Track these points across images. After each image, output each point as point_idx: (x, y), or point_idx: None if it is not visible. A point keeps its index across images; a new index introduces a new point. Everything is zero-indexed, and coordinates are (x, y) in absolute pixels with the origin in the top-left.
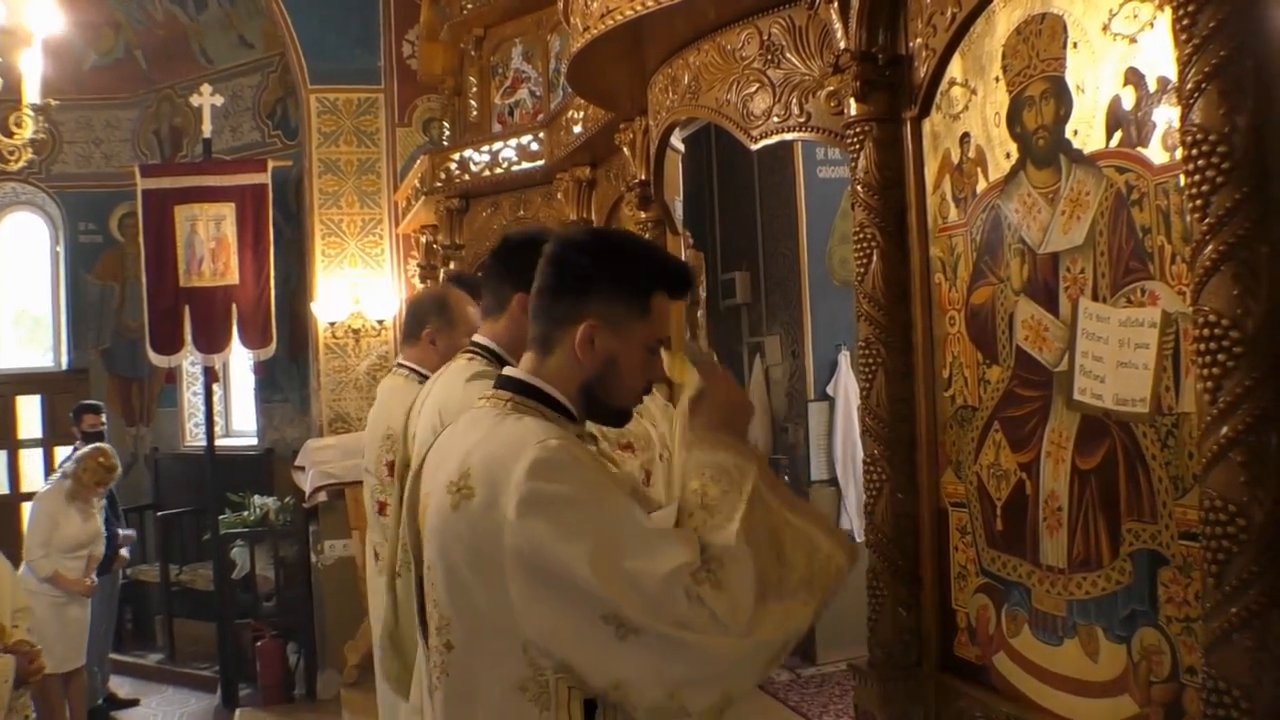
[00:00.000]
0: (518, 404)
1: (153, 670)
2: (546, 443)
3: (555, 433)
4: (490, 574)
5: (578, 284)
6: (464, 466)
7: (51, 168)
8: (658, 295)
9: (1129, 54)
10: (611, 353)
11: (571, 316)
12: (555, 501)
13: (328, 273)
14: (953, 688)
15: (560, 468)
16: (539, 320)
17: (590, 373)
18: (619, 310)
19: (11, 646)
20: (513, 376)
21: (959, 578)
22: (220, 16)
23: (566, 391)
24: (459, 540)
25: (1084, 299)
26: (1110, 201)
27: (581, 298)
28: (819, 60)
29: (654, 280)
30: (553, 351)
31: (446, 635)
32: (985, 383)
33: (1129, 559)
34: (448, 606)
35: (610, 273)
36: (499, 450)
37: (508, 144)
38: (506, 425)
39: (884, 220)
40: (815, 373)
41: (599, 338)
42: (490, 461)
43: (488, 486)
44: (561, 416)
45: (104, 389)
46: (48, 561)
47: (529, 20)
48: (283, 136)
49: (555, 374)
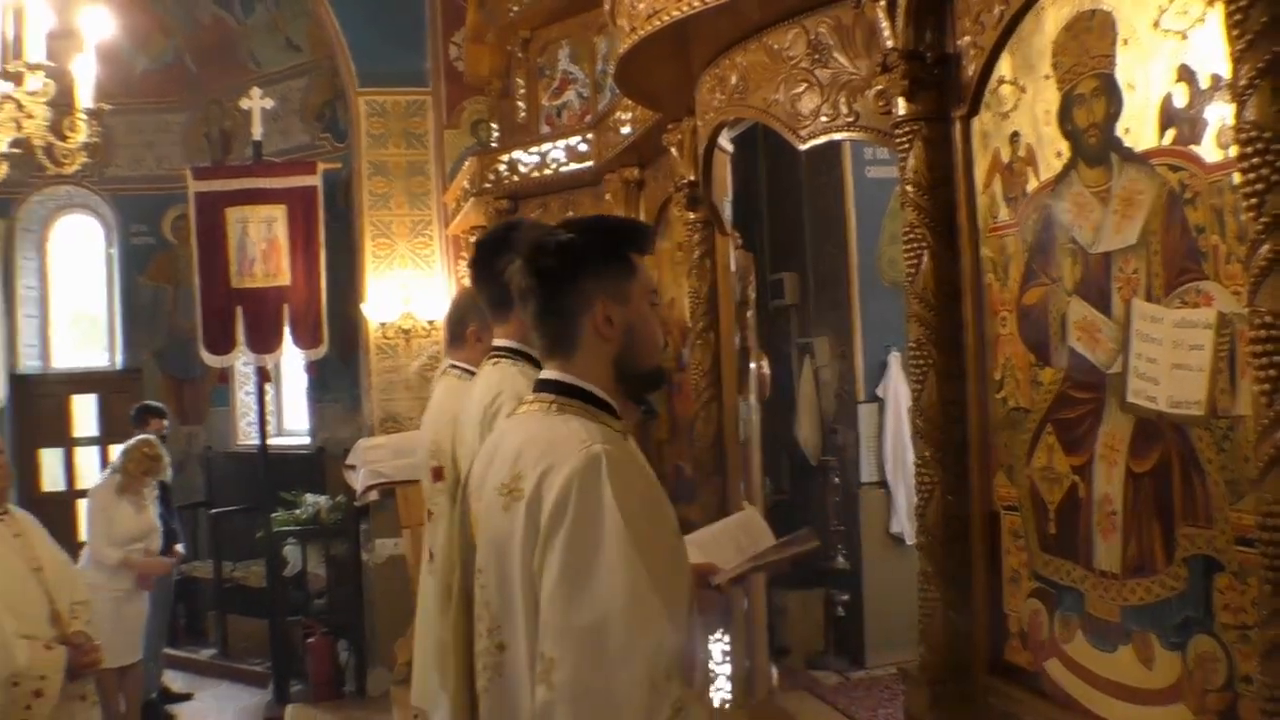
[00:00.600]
0: (562, 405)
1: (206, 665)
2: (591, 448)
3: (600, 436)
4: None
5: (569, 277)
6: (515, 469)
7: (105, 171)
8: (632, 254)
9: (1180, 50)
10: (627, 320)
11: (580, 306)
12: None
13: (378, 274)
14: (1004, 693)
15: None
16: (547, 326)
17: (617, 347)
18: (616, 281)
19: (68, 637)
20: (552, 379)
21: (1011, 581)
22: (267, 20)
23: (602, 381)
24: (509, 540)
25: (1137, 300)
26: (1163, 200)
27: (580, 286)
28: (867, 59)
29: (625, 242)
30: (576, 346)
31: (499, 637)
32: (1038, 384)
33: (1184, 565)
34: (499, 608)
35: (590, 253)
36: (546, 451)
37: (556, 145)
38: (554, 425)
39: (934, 220)
40: (865, 374)
41: (612, 313)
42: (538, 462)
43: (534, 486)
44: (604, 412)
45: (157, 389)
46: (114, 550)
47: (575, 22)
48: (331, 139)
49: (587, 366)
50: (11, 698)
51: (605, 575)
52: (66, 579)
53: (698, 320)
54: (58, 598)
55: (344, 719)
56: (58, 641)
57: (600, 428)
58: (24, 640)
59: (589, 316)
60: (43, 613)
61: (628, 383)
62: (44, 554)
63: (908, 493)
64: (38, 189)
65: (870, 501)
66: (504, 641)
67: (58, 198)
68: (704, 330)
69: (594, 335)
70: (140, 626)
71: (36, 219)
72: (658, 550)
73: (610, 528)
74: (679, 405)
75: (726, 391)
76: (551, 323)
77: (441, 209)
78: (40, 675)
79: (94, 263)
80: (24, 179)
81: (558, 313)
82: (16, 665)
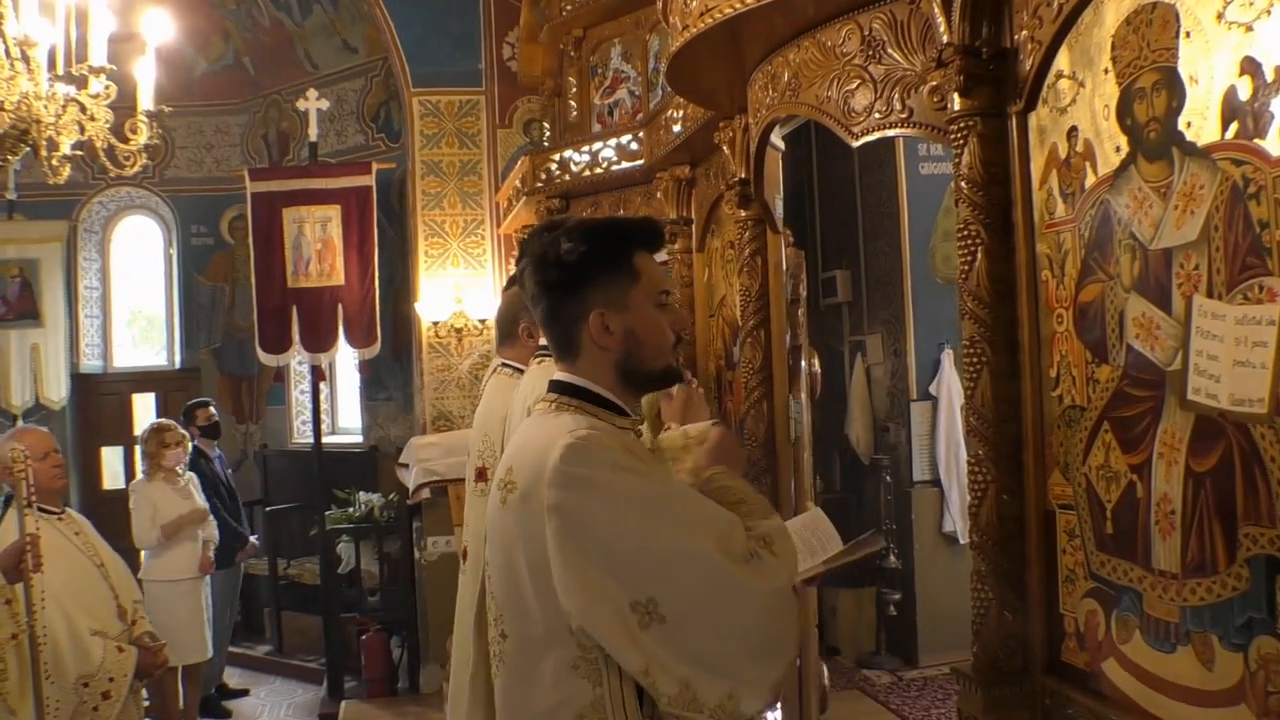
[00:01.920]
0: (563, 404)
1: (261, 661)
2: (577, 431)
3: (589, 424)
4: (536, 561)
5: (567, 285)
6: (509, 464)
7: (165, 172)
8: (638, 255)
9: (1245, 43)
10: (627, 326)
11: (578, 314)
12: (586, 482)
13: (430, 273)
14: (1060, 694)
15: (589, 452)
16: (551, 331)
17: (618, 353)
18: (615, 288)
19: (137, 639)
20: (561, 380)
21: (1067, 581)
22: (324, 22)
23: (605, 383)
24: (508, 533)
25: (1198, 296)
26: (1225, 195)
27: (578, 294)
28: (921, 55)
29: (628, 245)
30: (578, 352)
31: (502, 626)
32: (1094, 382)
33: (1246, 565)
34: (503, 598)
35: (589, 260)
36: (536, 444)
37: (607, 144)
38: (548, 422)
39: (988, 217)
40: (917, 372)
41: (610, 321)
42: (529, 455)
43: (528, 479)
44: (607, 410)
45: (214, 387)
46: (153, 532)
47: (628, 20)
48: (386, 139)
49: (589, 370)
50: (81, 698)
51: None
52: (125, 574)
53: (748, 318)
54: (121, 593)
55: (397, 715)
56: (127, 641)
57: (590, 420)
58: (98, 640)
59: (584, 326)
60: (110, 608)
61: (634, 384)
62: (103, 551)
63: (961, 491)
64: (99, 191)
65: (923, 500)
66: (506, 631)
67: (119, 199)
68: (755, 328)
69: (591, 343)
70: (207, 622)
71: (98, 220)
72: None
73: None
74: (730, 404)
75: (777, 390)
76: (554, 330)
77: (494, 208)
78: (110, 677)
79: (154, 263)
80: (86, 181)
81: (556, 319)
82: (91, 665)
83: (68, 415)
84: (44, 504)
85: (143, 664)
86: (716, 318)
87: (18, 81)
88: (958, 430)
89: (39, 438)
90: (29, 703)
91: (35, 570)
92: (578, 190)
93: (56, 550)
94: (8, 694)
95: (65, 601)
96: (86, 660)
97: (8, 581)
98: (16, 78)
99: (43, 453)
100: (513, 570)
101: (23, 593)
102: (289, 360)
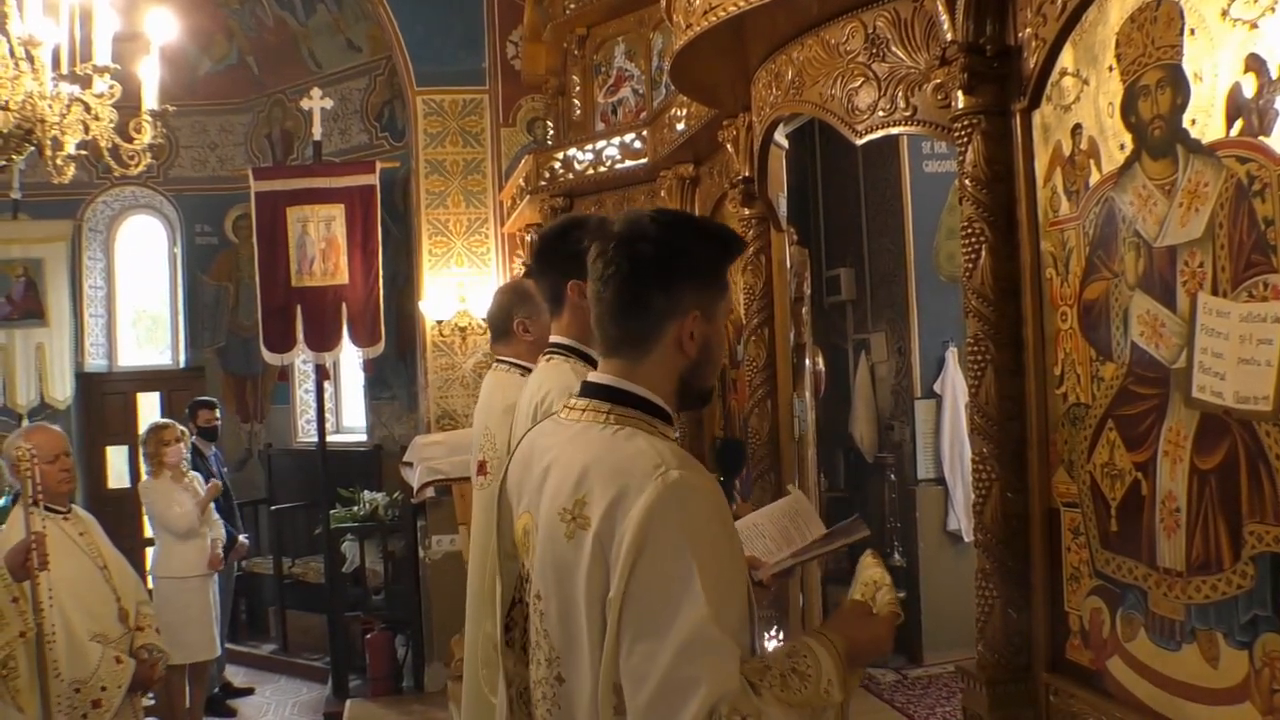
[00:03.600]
0: (620, 416)
1: (266, 660)
2: (668, 475)
3: (671, 456)
4: (602, 605)
5: (666, 275)
6: (578, 493)
7: (169, 172)
8: (727, 269)
9: (1250, 40)
10: (706, 338)
11: (671, 311)
12: (666, 553)
13: (434, 272)
14: (1065, 692)
15: (680, 508)
16: (626, 321)
17: (689, 362)
18: (712, 295)
19: (135, 650)
20: (606, 384)
21: (1071, 579)
22: (328, 21)
23: (663, 390)
24: (574, 570)
25: (1203, 294)
26: (1230, 193)
27: (676, 289)
28: (925, 53)
29: (726, 255)
30: (650, 350)
31: (558, 669)
32: (1099, 380)
33: (1251, 562)
34: (560, 639)
35: (694, 259)
36: (614, 474)
37: (611, 142)
38: (618, 444)
39: (993, 214)
40: (922, 370)
41: (698, 328)
42: (606, 487)
43: (603, 515)
44: (661, 422)
45: (219, 386)
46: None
47: (631, 19)
48: (390, 138)
49: (652, 374)
50: (72, 703)
51: (683, 614)
52: (129, 577)
53: (752, 316)
54: (124, 595)
55: (402, 714)
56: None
57: (668, 444)
58: (97, 646)
59: (676, 324)
60: (112, 611)
61: (685, 397)
62: (107, 552)
63: (965, 489)
64: (104, 190)
65: (927, 498)
66: (564, 674)
67: (123, 198)
68: (759, 326)
69: (674, 344)
70: (214, 620)
71: (103, 220)
72: (737, 591)
73: (684, 575)
74: (734, 402)
75: (781, 388)
76: (632, 318)
77: (497, 207)
78: (102, 686)
79: (158, 262)
80: (90, 180)
81: (643, 308)
82: (86, 671)
83: (72, 414)
84: (51, 504)
85: (139, 676)
86: None
87: (22, 81)
88: (962, 428)
89: (51, 438)
90: (36, 700)
91: (41, 568)
92: (581, 189)
93: (59, 550)
94: (18, 691)
95: (65, 603)
96: (83, 665)
97: (15, 580)
98: (21, 77)
99: (53, 455)
100: (575, 612)
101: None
102: (293, 359)
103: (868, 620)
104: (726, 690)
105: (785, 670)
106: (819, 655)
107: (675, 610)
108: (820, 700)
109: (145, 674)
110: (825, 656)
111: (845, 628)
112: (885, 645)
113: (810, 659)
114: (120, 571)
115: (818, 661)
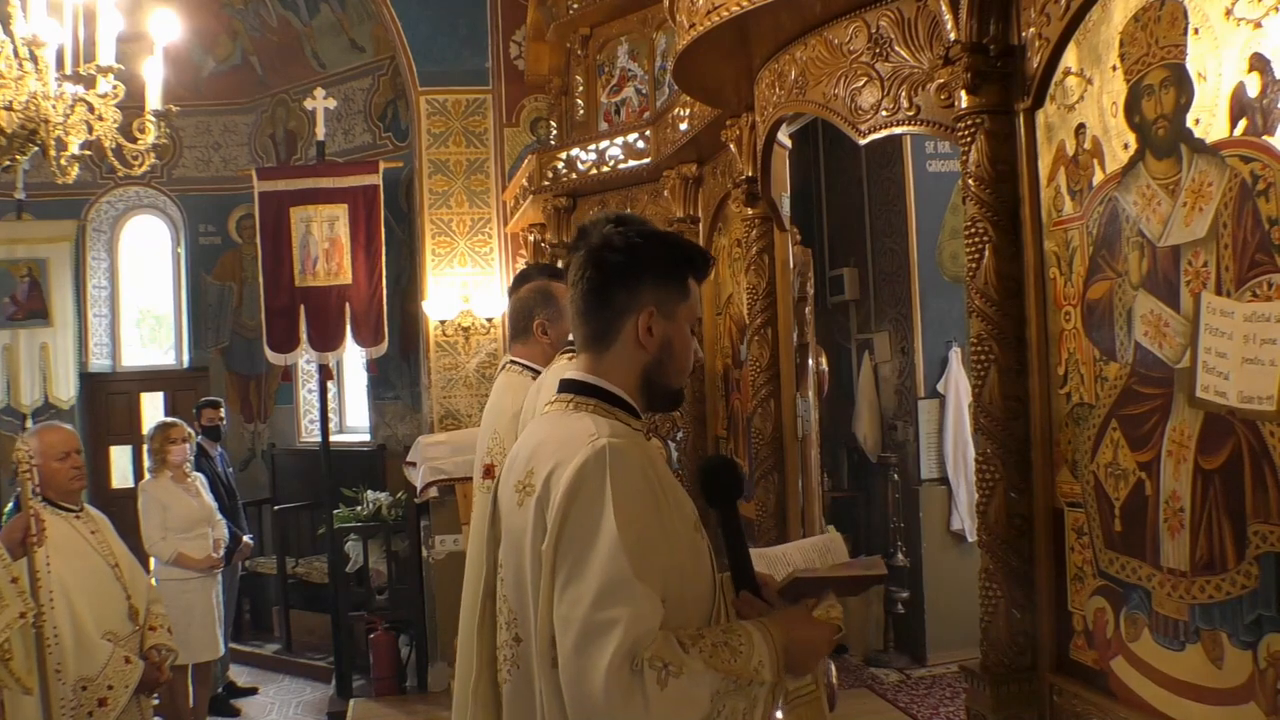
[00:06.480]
0: (579, 403)
1: (270, 660)
2: (597, 441)
3: (608, 429)
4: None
5: (627, 277)
6: (529, 465)
7: (173, 172)
8: (690, 279)
9: (1254, 39)
10: (666, 335)
11: (629, 306)
12: (585, 510)
13: (438, 272)
14: (1068, 692)
15: (605, 467)
16: (591, 318)
17: (650, 358)
18: (669, 295)
19: (146, 651)
20: (572, 379)
21: (1075, 579)
22: (332, 21)
23: (626, 384)
24: (523, 535)
25: (1207, 293)
26: (1234, 192)
27: (635, 288)
28: (929, 52)
29: (688, 265)
30: (610, 345)
31: (515, 629)
32: (1103, 380)
33: (1255, 562)
34: (516, 601)
35: (654, 262)
36: (558, 448)
37: (614, 142)
38: (568, 422)
39: (996, 214)
40: (925, 369)
41: (655, 324)
42: (549, 459)
43: (544, 482)
44: (621, 410)
45: (223, 386)
46: (167, 545)
47: (634, 19)
48: (393, 138)
49: (614, 367)
50: (78, 700)
51: (602, 561)
52: (139, 576)
53: (755, 316)
54: (134, 594)
55: (406, 713)
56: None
57: (611, 423)
58: (107, 644)
59: (634, 318)
60: (121, 609)
61: (651, 394)
62: (118, 551)
63: (969, 489)
64: (108, 190)
65: (931, 498)
66: (520, 634)
67: (127, 199)
68: (762, 326)
69: (632, 338)
70: (218, 620)
71: (107, 220)
72: (658, 548)
73: (605, 525)
74: (737, 401)
75: (784, 388)
76: (596, 314)
77: (501, 207)
78: (109, 685)
79: (162, 262)
80: (94, 181)
81: (606, 305)
82: (94, 669)
83: (76, 414)
84: (62, 502)
85: (146, 678)
86: (724, 316)
87: (26, 81)
88: (965, 428)
89: (61, 436)
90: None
91: (39, 545)
92: (585, 188)
93: (70, 548)
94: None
95: (75, 600)
96: (90, 662)
97: (12, 557)
98: (25, 77)
99: (63, 453)
100: (524, 573)
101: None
102: (297, 359)
103: (808, 622)
104: (643, 631)
105: (718, 641)
106: (753, 636)
107: (595, 557)
108: (748, 674)
109: (151, 676)
110: (760, 640)
111: (785, 622)
112: (822, 649)
113: (744, 637)
114: (131, 570)
115: (750, 642)
